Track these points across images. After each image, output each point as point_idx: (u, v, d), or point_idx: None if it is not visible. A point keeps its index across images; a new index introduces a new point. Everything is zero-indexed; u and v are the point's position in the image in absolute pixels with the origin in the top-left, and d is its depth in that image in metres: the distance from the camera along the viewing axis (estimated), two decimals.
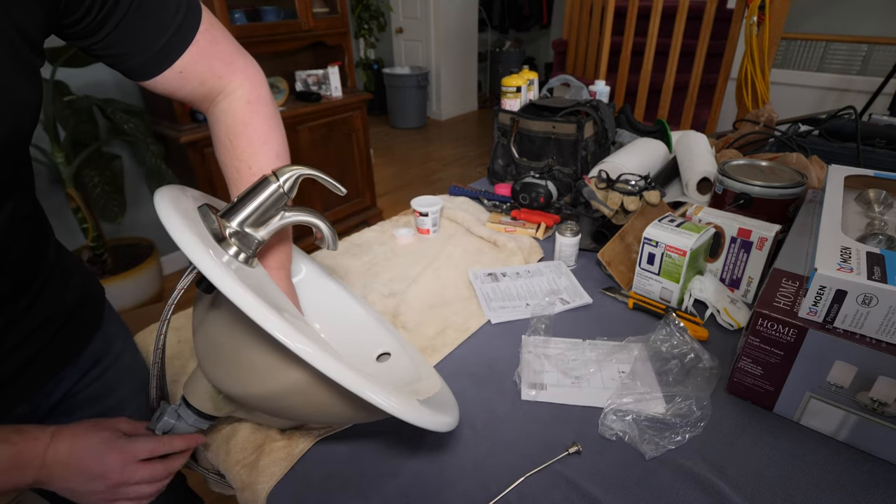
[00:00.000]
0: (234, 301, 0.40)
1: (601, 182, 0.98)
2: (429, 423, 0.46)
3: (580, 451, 0.57)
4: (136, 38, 0.49)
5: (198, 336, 0.53)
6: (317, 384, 0.46)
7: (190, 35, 0.52)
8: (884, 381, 0.51)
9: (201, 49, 0.53)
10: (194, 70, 0.54)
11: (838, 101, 2.86)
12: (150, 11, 0.48)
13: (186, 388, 0.56)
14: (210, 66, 0.55)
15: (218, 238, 0.51)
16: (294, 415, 0.53)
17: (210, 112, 0.60)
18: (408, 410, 0.44)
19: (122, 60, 0.51)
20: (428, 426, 0.46)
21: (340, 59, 2.57)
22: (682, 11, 2.17)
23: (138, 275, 2.06)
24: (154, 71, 0.52)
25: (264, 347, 0.46)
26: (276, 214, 0.53)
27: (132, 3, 0.47)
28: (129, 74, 0.52)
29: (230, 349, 0.49)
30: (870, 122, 1.18)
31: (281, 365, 0.46)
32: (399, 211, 1.26)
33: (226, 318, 0.49)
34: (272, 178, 0.51)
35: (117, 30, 0.48)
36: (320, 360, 0.41)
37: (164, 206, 0.45)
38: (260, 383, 0.48)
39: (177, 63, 0.52)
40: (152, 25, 0.49)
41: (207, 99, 0.58)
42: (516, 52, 5.35)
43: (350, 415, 0.50)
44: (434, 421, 0.47)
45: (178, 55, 0.52)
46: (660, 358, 0.69)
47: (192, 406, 0.55)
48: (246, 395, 0.50)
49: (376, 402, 0.42)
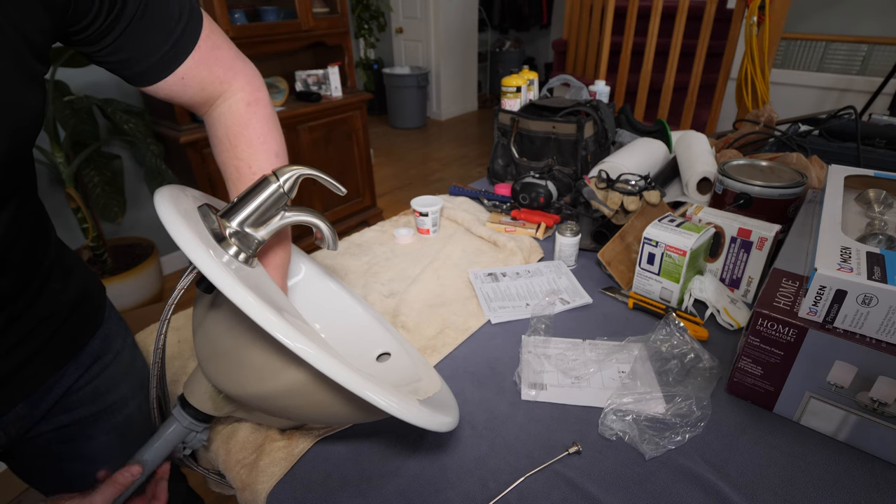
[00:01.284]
0: (235, 301, 0.40)
1: (601, 182, 0.98)
2: (428, 423, 0.46)
3: (580, 451, 0.57)
4: (141, 44, 0.50)
5: (198, 336, 0.53)
6: (317, 384, 0.46)
7: (192, 41, 0.53)
8: (884, 381, 0.51)
9: (203, 55, 0.54)
10: (196, 75, 0.55)
11: (838, 101, 2.86)
12: (154, 18, 0.49)
13: (186, 387, 0.56)
14: (211, 71, 0.56)
15: (218, 238, 0.51)
16: (294, 415, 0.53)
17: (209, 115, 0.60)
18: (407, 410, 0.44)
19: (125, 66, 0.51)
20: (427, 426, 0.46)
21: (340, 59, 2.57)
22: (682, 11, 2.17)
23: (138, 275, 2.06)
24: (157, 76, 0.53)
25: (264, 347, 0.46)
26: (276, 214, 0.53)
27: (138, 9, 0.48)
28: (132, 80, 0.53)
29: (230, 349, 0.49)
30: (870, 122, 1.18)
31: (281, 365, 0.46)
32: (399, 211, 1.26)
33: (226, 318, 0.49)
34: (272, 177, 0.51)
35: (123, 36, 0.48)
36: (320, 360, 0.41)
37: (164, 205, 0.45)
38: (260, 383, 0.48)
39: (179, 69, 0.53)
40: (157, 32, 0.50)
41: (207, 103, 0.59)
42: (516, 52, 5.35)
43: (350, 415, 0.50)
44: (434, 421, 0.46)
45: (181, 61, 0.53)
46: (660, 358, 0.69)
47: (192, 406, 0.55)
48: (246, 395, 0.50)
49: (376, 402, 0.42)
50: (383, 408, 0.43)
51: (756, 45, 2.01)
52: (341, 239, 1.05)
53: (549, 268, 0.94)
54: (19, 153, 0.46)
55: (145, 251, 2.20)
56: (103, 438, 0.66)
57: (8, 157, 0.44)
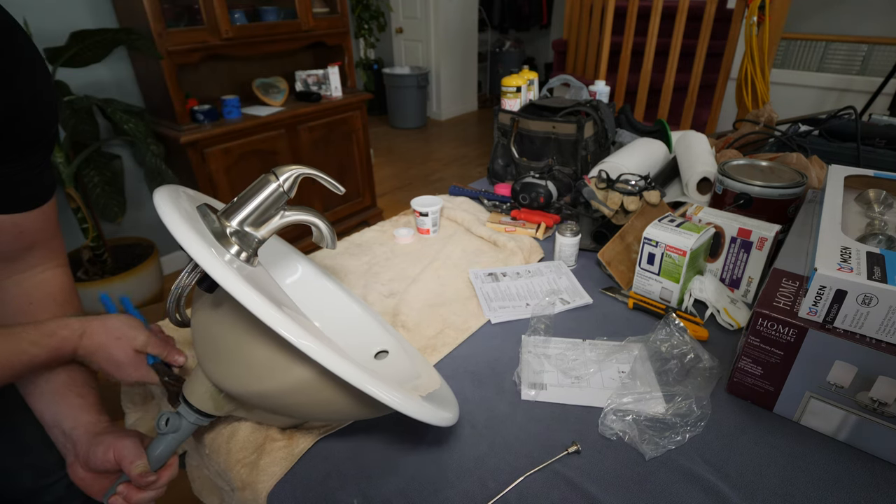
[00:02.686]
0: (239, 299, 0.40)
1: (601, 182, 0.98)
2: (430, 418, 0.46)
3: (580, 451, 0.57)
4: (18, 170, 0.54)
5: (198, 335, 0.53)
6: (320, 381, 0.46)
7: (49, 195, 0.60)
8: (884, 381, 0.51)
9: (48, 215, 0.61)
10: (32, 227, 0.60)
11: (838, 101, 2.86)
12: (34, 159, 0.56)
13: (187, 388, 0.56)
14: (45, 229, 0.62)
15: (218, 237, 0.51)
16: (296, 412, 0.53)
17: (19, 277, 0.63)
18: (409, 405, 0.45)
19: None
20: (429, 420, 0.46)
21: (340, 59, 2.57)
22: (682, 11, 2.17)
23: (138, 275, 2.06)
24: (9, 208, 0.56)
25: (268, 345, 0.47)
26: (276, 213, 0.53)
27: None
28: None
29: (233, 348, 0.49)
30: (870, 122, 1.18)
31: (284, 363, 0.46)
32: (399, 211, 1.26)
33: (228, 317, 0.49)
34: (271, 176, 0.51)
35: None
36: (325, 357, 0.41)
37: (164, 205, 0.45)
38: (263, 381, 0.48)
39: (28, 213, 0.58)
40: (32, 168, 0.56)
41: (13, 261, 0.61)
42: (516, 52, 5.35)
43: (352, 411, 0.50)
44: (435, 415, 0.47)
45: (40, 204, 0.59)
46: (660, 358, 0.69)
47: (193, 405, 0.55)
48: (248, 393, 0.50)
49: (379, 397, 0.42)
50: (386, 402, 0.43)
51: (756, 45, 2.01)
52: (341, 239, 1.05)
53: (550, 268, 0.94)
54: None
55: (145, 251, 2.20)
56: None
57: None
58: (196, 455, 0.68)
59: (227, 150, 2.11)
